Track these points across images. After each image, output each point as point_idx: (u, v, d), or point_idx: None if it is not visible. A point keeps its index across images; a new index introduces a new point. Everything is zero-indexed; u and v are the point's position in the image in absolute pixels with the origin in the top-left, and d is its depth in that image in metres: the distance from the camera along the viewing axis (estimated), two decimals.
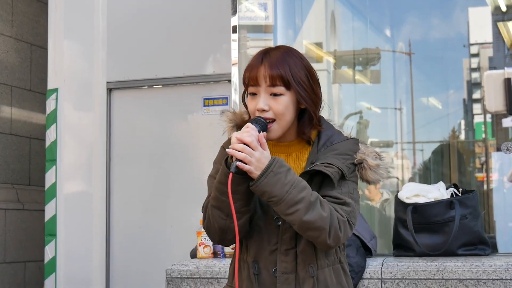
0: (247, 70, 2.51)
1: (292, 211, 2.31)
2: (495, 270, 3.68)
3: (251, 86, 2.48)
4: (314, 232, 2.33)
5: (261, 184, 2.30)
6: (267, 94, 2.45)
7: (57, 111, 5.84)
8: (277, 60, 2.47)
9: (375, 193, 6.31)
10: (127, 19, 5.88)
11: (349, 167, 2.45)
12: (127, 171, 5.78)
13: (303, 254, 2.44)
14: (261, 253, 2.48)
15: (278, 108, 2.44)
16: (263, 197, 2.34)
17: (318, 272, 2.44)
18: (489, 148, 6.34)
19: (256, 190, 2.33)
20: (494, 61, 6.55)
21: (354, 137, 2.57)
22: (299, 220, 2.31)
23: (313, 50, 6.46)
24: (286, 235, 2.45)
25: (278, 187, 2.31)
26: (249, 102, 2.50)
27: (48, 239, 5.78)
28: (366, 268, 3.88)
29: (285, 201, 2.31)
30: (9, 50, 7.35)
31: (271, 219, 2.47)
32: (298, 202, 2.31)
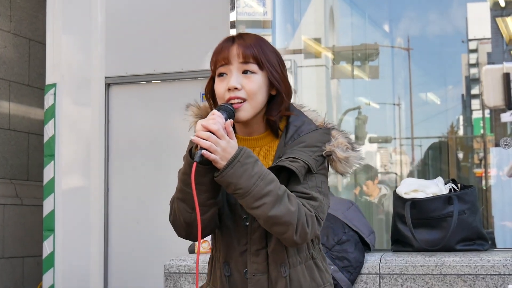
0: (215, 53, 2.37)
1: (259, 204, 2.18)
2: (493, 265, 3.69)
3: (221, 66, 2.34)
4: (280, 227, 2.20)
5: (226, 175, 2.16)
6: (239, 72, 2.32)
7: (56, 106, 5.84)
8: (249, 41, 2.35)
9: (373, 188, 6.32)
10: (125, 14, 5.87)
11: (316, 160, 2.30)
12: (125, 166, 5.78)
13: (274, 253, 2.32)
14: (231, 254, 2.37)
15: (251, 86, 2.32)
16: (228, 189, 2.20)
17: (290, 271, 2.33)
18: (487, 143, 6.35)
19: (222, 181, 2.18)
20: (492, 56, 6.55)
21: (326, 126, 2.41)
22: (265, 215, 2.18)
23: (312, 45, 6.46)
24: (255, 235, 2.34)
25: (244, 179, 2.17)
26: (218, 85, 2.35)
27: (47, 234, 5.78)
28: (364, 264, 3.88)
29: (251, 194, 2.17)
30: (7, 45, 7.34)
31: (239, 218, 2.35)
32: (265, 195, 2.17)
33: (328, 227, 3.94)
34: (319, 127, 2.40)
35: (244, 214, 2.33)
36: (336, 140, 2.34)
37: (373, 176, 6.50)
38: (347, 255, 3.85)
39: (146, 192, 5.70)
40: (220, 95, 2.33)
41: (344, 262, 3.84)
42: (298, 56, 6.29)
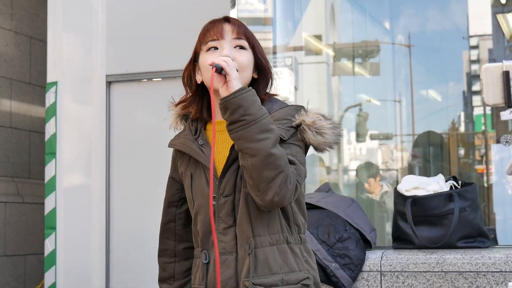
0: (206, 30, 2.41)
1: (263, 137, 2.13)
2: (495, 262, 3.69)
3: (212, 41, 2.37)
4: (272, 171, 2.14)
5: (240, 96, 2.14)
6: (231, 47, 2.36)
7: (57, 104, 5.84)
8: (239, 21, 2.42)
9: (375, 186, 6.32)
10: (126, 12, 5.87)
11: (287, 130, 2.28)
12: (127, 164, 5.78)
13: (240, 231, 2.27)
14: (208, 240, 2.35)
15: (243, 59, 2.35)
16: (234, 114, 2.14)
17: (257, 250, 2.26)
18: (488, 140, 6.35)
19: (233, 102, 2.14)
20: (493, 53, 6.56)
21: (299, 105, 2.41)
22: (267, 150, 2.13)
23: (312, 42, 6.46)
24: (222, 212, 2.31)
25: (255, 107, 2.15)
26: (208, 56, 2.36)
27: (48, 232, 5.79)
28: (365, 261, 3.89)
29: (258, 123, 2.14)
30: (8, 43, 7.34)
31: (207, 200, 2.33)
32: (269, 131, 2.15)
33: (329, 225, 3.95)
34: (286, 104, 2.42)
35: (214, 193, 2.31)
36: (310, 113, 2.34)
37: (374, 173, 6.51)
38: (348, 253, 3.85)
39: (147, 190, 5.70)
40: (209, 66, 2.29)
41: (345, 259, 3.85)
42: (298, 53, 6.29)
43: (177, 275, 2.54)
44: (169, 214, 2.58)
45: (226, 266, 2.29)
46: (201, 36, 2.42)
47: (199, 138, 2.41)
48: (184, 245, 2.54)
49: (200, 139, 2.41)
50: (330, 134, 2.32)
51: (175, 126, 2.55)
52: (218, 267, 2.22)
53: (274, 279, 2.27)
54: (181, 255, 2.55)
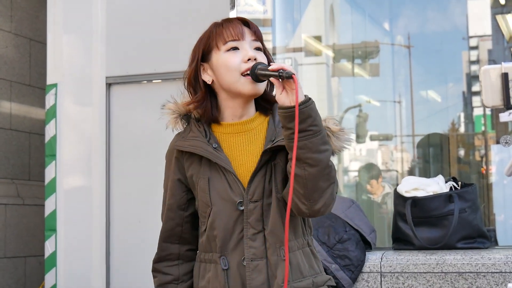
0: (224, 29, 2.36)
1: (324, 148, 2.15)
2: (495, 263, 3.69)
3: (233, 41, 2.32)
4: (327, 182, 2.17)
5: (310, 106, 2.11)
6: (252, 48, 2.34)
7: (57, 106, 5.84)
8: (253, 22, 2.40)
9: (377, 187, 6.32)
10: (126, 14, 5.87)
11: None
12: (127, 165, 5.78)
13: (272, 236, 2.26)
14: (227, 246, 2.31)
15: (264, 61, 2.33)
16: (302, 124, 2.11)
17: (290, 254, 2.26)
18: (488, 140, 6.35)
19: (304, 112, 2.10)
20: (493, 53, 6.56)
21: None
22: (326, 161, 2.15)
23: (312, 43, 6.46)
24: (251, 218, 2.28)
25: (319, 118, 2.15)
26: (230, 57, 2.31)
27: (48, 234, 5.79)
28: (365, 262, 3.89)
29: (321, 134, 2.14)
30: (8, 45, 7.34)
31: (233, 205, 2.29)
32: (328, 142, 2.18)
33: (329, 226, 3.95)
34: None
35: (238, 198, 2.29)
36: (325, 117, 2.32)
37: (376, 174, 6.50)
38: (348, 254, 3.85)
39: (147, 192, 5.70)
40: (234, 66, 2.30)
41: (345, 260, 3.85)
42: (298, 54, 6.30)
43: (182, 277, 2.47)
44: (177, 218, 2.50)
45: (258, 272, 2.28)
46: (217, 35, 2.37)
47: (211, 140, 2.36)
48: (187, 247, 2.49)
49: (212, 141, 2.36)
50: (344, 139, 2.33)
51: (173, 125, 2.50)
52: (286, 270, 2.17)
53: (306, 282, 2.30)
54: (184, 257, 2.49)
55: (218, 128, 2.39)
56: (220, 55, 2.34)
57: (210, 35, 2.39)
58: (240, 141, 2.35)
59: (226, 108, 2.37)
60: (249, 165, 2.33)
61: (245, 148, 2.34)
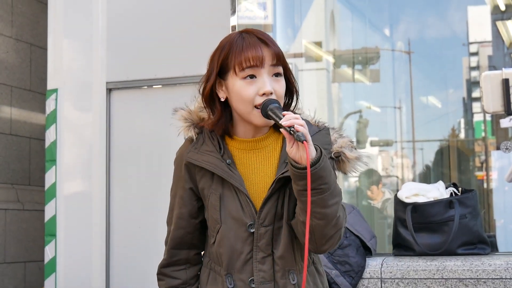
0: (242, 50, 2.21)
1: (333, 202, 2.10)
2: (495, 269, 3.69)
3: (251, 68, 2.18)
4: (333, 229, 2.15)
5: (321, 167, 2.05)
6: (270, 75, 2.21)
7: (57, 111, 5.85)
8: (272, 39, 2.24)
9: (377, 193, 6.32)
10: (126, 19, 5.88)
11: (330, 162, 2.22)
12: (127, 171, 5.78)
13: (282, 260, 2.26)
14: (234, 264, 2.29)
15: (281, 90, 2.22)
16: (312, 183, 2.05)
17: (298, 277, 2.27)
18: (488, 146, 6.35)
19: (313, 174, 2.04)
20: (493, 59, 6.56)
21: (324, 127, 2.32)
22: (334, 214, 2.12)
23: (313, 49, 6.46)
24: (262, 242, 2.25)
25: (329, 174, 2.08)
26: (245, 87, 2.19)
27: (48, 239, 5.79)
28: (366, 268, 3.88)
29: (331, 190, 2.08)
30: (9, 50, 7.35)
31: (243, 226, 2.26)
32: (338, 194, 2.14)
33: None
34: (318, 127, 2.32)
35: (249, 220, 2.26)
36: (341, 140, 2.29)
37: (376, 180, 6.51)
38: (348, 260, 3.85)
39: (147, 197, 5.70)
40: (249, 98, 2.19)
41: (346, 266, 3.84)
42: (299, 60, 6.30)
43: (189, 281, 2.45)
44: (189, 226, 2.42)
45: None
46: (235, 57, 2.22)
47: (225, 155, 2.30)
48: (195, 252, 2.46)
49: (226, 156, 2.29)
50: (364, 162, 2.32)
51: (186, 133, 2.36)
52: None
53: None
54: (192, 261, 2.47)
55: (232, 142, 2.33)
56: (236, 80, 2.22)
57: (229, 52, 2.23)
58: (254, 159, 2.31)
59: (240, 125, 2.30)
60: (262, 185, 2.29)
61: (258, 167, 2.30)
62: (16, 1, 7.48)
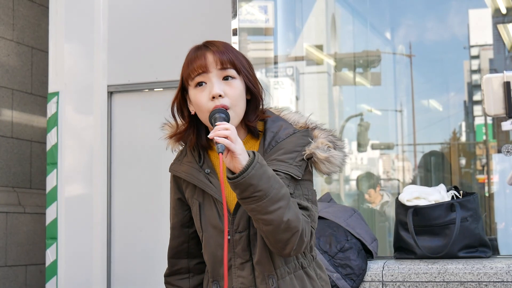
0: (189, 62, 2.30)
1: (275, 208, 2.08)
2: (496, 272, 3.68)
3: (199, 75, 2.26)
4: (287, 233, 2.12)
5: (249, 175, 2.04)
6: (219, 79, 2.26)
7: (58, 115, 5.85)
8: (222, 47, 2.30)
9: (375, 196, 6.31)
10: (127, 23, 5.88)
11: (299, 166, 2.23)
12: (128, 174, 5.78)
13: (260, 265, 2.26)
14: (218, 271, 2.33)
15: (235, 92, 2.25)
16: (244, 193, 2.07)
17: (279, 282, 2.25)
18: (490, 150, 6.34)
19: (242, 183, 2.06)
20: (494, 63, 6.56)
21: (308, 127, 2.33)
22: (281, 219, 2.09)
23: (314, 52, 6.47)
24: (238, 248, 2.28)
25: (264, 181, 2.07)
26: (198, 94, 2.26)
27: (49, 242, 5.79)
28: (367, 271, 3.88)
29: (269, 197, 2.07)
30: (10, 53, 7.36)
31: (221, 233, 2.29)
32: (281, 199, 2.09)
33: (331, 235, 3.95)
34: (298, 129, 2.33)
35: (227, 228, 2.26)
36: (317, 141, 2.27)
37: (374, 183, 6.51)
38: (350, 263, 3.85)
39: (149, 200, 5.70)
40: (203, 105, 2.25)
41: (347, 269, 3.84)
42: (300, 63, 6.31)
43: None
44: (182, 235, 2.49)
45: None
46: (185, 69, 2.32)
47: (205, 165, 2.34)
48: (196, 261, 2.50)
49: (205, 166, 2.34)
50: (339, 163, 2.28)
51: (173, 147, 2.49)
52: None
53: None
54: (194, 270, 2.51)
55: (213, 152, 2.37)
56: (191, 90, 2.31)
57: (184, 67, 2.35)
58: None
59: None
60: None
61: None
62: (17, 4, 7.49)
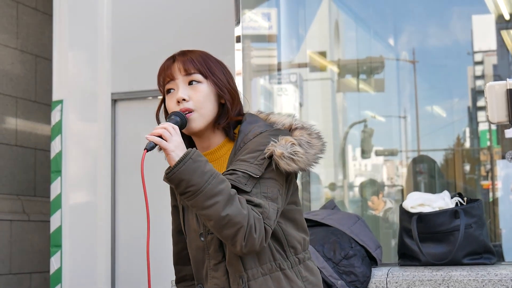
0: (160, 73, 2.45)
1: (211, 203, 2.14)
2: (501, 279, 3.68)
3: (167, 83, 2.41)
4: (231, 229, 2.15)
5: (179, 170, 2.16)
6: (185, 84, 2.38)
7: (62, 122, 5.86)
8: (190, 54, 2.44)
9: (378, 203, 6.31)
10: (131, 30, 5.90)
11: (259, 164, 2.26)
12: (132, 181, 5.79)
13: (231, 266, 2.30)
14: (201, 274, 2.40)
15: (198, 96, 2.36)
16: (179, 188, 2.18)
17: (250, 283, 2.28)
18: (494, 156, 6.34)
19: (173, 178, 2.19)
20: (498, 69, 6.55)
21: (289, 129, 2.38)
22: (218, 214, 2.13)
23: (317, 59, 6.47)
24: (211, 249, 2.34)
25: (197, 175, 2.15)
26: (168, 101, 2.40)
27: (54, 250, 5.79)
28: (371, 278, 3.88)
29: (203, 192, 2.14)
30: (14, 61, 7.37)
31: (197, 235, 2.38)
32: (217, 194, 2.14)
33: (335, 242, 3.94)
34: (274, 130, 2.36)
35: (200, 229, 2.35)
36: (283, 139, 2.29)
37: (377, 190, 6.50)
38: (354, 270, 3.85)
39: (153, 208, 5.69)
40: (171, 110, 2.38)
41: (351, 276, 3.84)
42: (303, 69, 6.31)
43: None
44: (180, 242, 2.59)
45: None
46: (158, 78, 2.45)
47: None
48: None
49: None
50: (304, 159, 2.28)
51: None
52: None
53: None
54: None
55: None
56: (166, 98, 2.43)
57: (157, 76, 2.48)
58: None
59: (195, 141, 2.45)
60: None
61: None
62: (21, 12, 7.51)
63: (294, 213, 2.40)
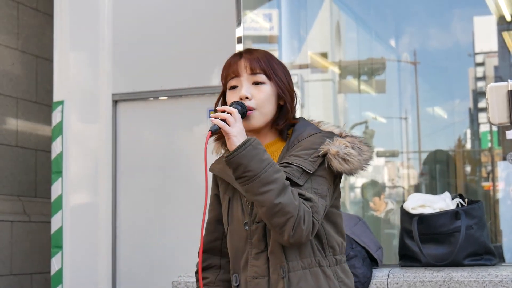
0: (225, 68, 2.51)
1: (265, 190, 2.22)
2: (502, 280, 3.68)
3: (231, 79, 2.48)
4: (282, 218, 2.23)
5: (239, 155, 2.23)
6: (249, 83, 2.46)
7: (63, 123, 5.86)
8: (256, 54, 2.49)
9: (379, 204, 6.31)
10: (132, 31, 5.90)
11: (313, 161, 2.35)
12: (133, 182, 5.79)
13: (272, 255, 2.37)
14: (239, 264, 2.46)
15: (261, 96, 2.44)
16: (236, 172, 2.25)
17: (290, 274, 2.35)
18: (495, 157, 6.34)
19: (232, 162, 2.25)
20: (499, 70, 6.56)
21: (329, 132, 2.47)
22: (271, 201, 2.22)
23: (318, 60, 6.48)
24: (254, 238, 2.41)
25: (255, 162, 2.23)
26: (230, 96, 2.47)
27: (55, 251, 5.79)
28: (372, 279, 3.88)
29: (259, 178, 2.22)
30: (15, 62, 7.37)
31: (241, 225, 2.44)
32: (272, 182, 2.23)
33: None
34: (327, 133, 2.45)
35: (246, 218, 2.42)
36: (337, 141, 2.39)
37: (379, 191, 6.50)
38: (355, 271, 3.84)
39: (154, 208, 5.71)
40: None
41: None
42: (304, 70, 6.31)
43: (217, 282, 2.62)
44: (216, 231, 2.64)
45: None
46: (223, 72, 2.52)
47: None
48: (227, 259, 2.59)
49: None
50: (356, 161, 2.38)
51: (216, 150, 2.60)
52: None
53: None
54: (225, 268, 2.62)
55: None
56: (227, 93, 2.51)
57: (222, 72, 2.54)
58: None
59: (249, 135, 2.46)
60: None
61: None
62: (22, 13, 7.51)
63: (335, 216, 2.48)
